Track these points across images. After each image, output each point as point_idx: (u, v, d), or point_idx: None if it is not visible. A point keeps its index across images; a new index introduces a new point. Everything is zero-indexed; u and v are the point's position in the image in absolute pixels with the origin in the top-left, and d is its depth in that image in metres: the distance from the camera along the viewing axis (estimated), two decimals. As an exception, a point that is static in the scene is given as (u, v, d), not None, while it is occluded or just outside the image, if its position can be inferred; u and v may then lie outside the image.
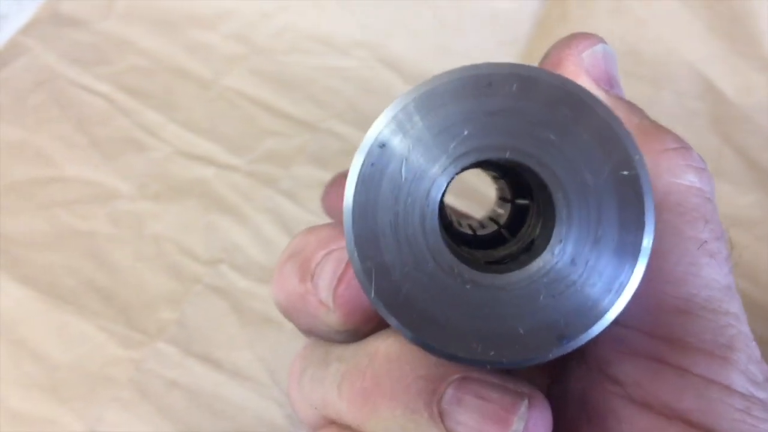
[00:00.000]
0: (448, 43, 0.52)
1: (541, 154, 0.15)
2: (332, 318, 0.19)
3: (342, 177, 0.18)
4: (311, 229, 0.20)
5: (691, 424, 0.17)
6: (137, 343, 0.43)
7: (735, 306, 0.18)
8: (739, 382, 0.17)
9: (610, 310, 0.15)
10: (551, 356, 0.15)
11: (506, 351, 0.15)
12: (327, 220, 0.45)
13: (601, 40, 0.20)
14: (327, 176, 0.48)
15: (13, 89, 0.51)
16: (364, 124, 0.50)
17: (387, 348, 0.18)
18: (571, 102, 0.15)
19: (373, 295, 0.15)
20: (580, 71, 0.20)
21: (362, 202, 0.15)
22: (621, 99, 0.20)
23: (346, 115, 0.50)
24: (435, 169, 0.15)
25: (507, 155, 0.15)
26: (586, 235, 0.15)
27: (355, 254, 0.15)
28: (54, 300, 0.44)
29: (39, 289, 0.44)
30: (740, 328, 0.18)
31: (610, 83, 0.20)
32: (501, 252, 0.17)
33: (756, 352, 0.18)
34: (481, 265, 0.16)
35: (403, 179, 0.15)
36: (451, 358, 0.15)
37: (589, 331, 0.15)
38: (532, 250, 0.16)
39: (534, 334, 0.15)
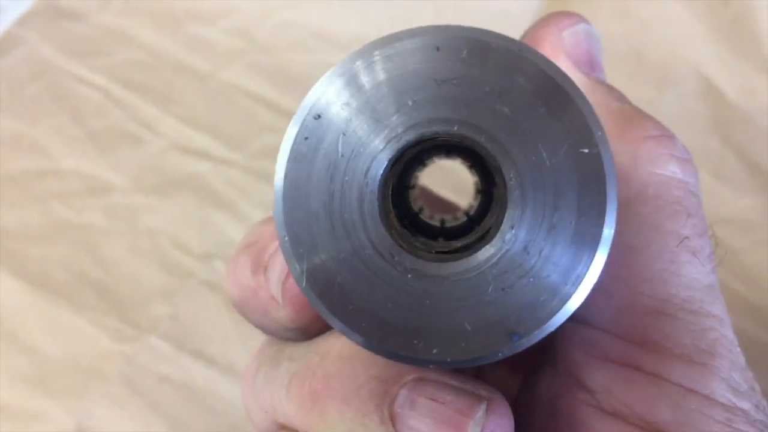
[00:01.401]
0: (449, 42, 0.52)
1: (493, 128, 0.13)
2: (282, 314, 0.18)
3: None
4: (267, 220, 0.19)
5: None
6: (129, 338, 0.42)
7: (718, 308, 0.17)
8: (720, 392, 0.16)
9: (567, 304, 0.14)
10: (501, 356, 0.14)
11: (451, 349, 0.13)
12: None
13: (584, 20, 0.19)
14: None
15: (9, 81, 0.51)
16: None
17: (340, 346, 0.17)
18: (528, 70, 0.13)
19: (304, 283, 0.14)
20: (558, 52, 0.18)
21: (294, 180, 0.14)
22: (601, 82, 0.19)
23: (345, 112, 0.50)
24: (375, 144, 0.13)
25: (455, 129, 0.13)
26: (540, 221, 0.13)
27: (286, 239, 0.14)
28: (46, 293, 0.43)
29: (32, 281, 0.43)
30: (723, 332, 0.16)
31: (591, 65, 0.19)
32: (461, 242, 0.15)
33: (740, 358, 0.17)
34: (426, 254, 0.14)
35: (340, 155, 0.14)
36: (390, 355, 0.14)
37: (543, 327, 0.13)
38: (485, 238, 0.14)
39: (482, 331, 0.13)
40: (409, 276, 0.13)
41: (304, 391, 0.17)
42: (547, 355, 0.17)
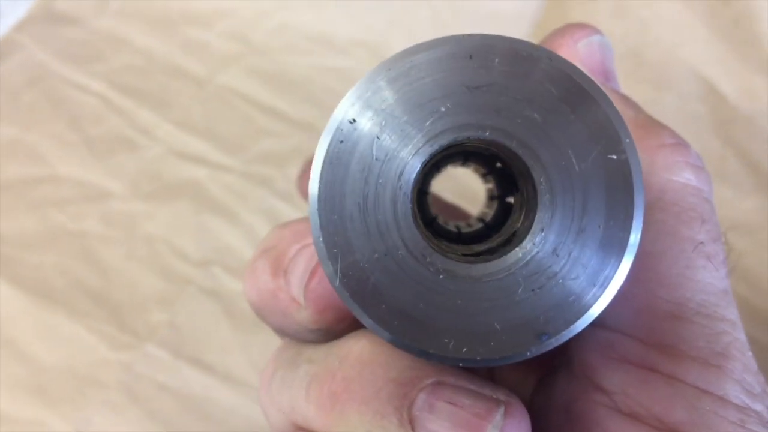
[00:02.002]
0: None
1: (524, 134, 0.13)
2: (303, 315, 0.18)
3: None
4: (286, 224, 0.19)
5: None
6: (127, 345, 0.42)
7: (731, 312, 0.17)
8: (733, 393, 0.16)
9: (594, 306, 0.14)
10: (530, 354, 0.14)
11: (481, 348, 0.14)
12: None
13: (598, 32, 0.19)
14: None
15: (6, 87, 0.50)
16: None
17: (360, 349, 0.17)
18: (556, 77, 0.13)
19: (338, 283, 0.14)
20: (574, 62, 0.18)
21: (330, 183, 0.14)
22: (616, 92, 0.19)
23: (343, 116, 0.50)
24: (409, 149, 0.14)
25: (487, 134, 0.13)
26: (569, 225, 0.14)
27: (320, 239, 0.14)
28: (44, 300, 0.43)
29: (29, 289, 0.43)
30: (736, 336, 0.17)
31: (605, 75, 0.19)
32: (482, 246, 0.16)
33: (752, 362, 0.17)
34: (456, 255, 0.14)
35: (374, 159, 0.14)
36: (421, 354, 0.14)
37: (571, 327, 0.14)
38: (513, 241, 0.15)
39: (511, 330, 0.14)
40: (441, 276, 0.14)
41: (324, 393, 0.17)
42: (562, 358, 0.17)
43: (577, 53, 0.19)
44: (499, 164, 0.19)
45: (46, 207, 0.46)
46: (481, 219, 0.21)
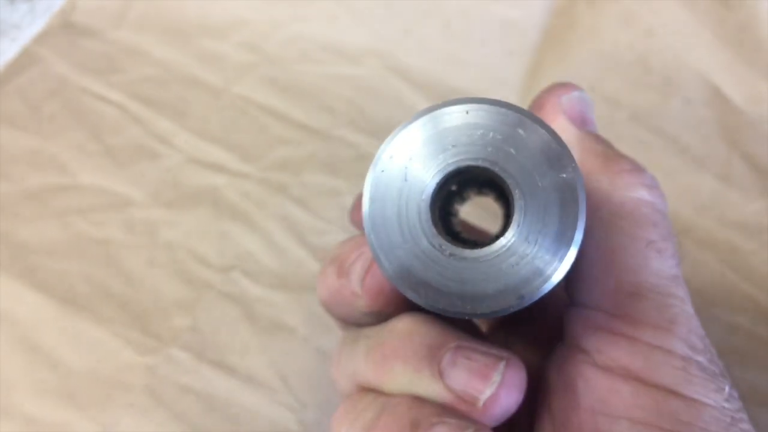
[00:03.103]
0: (457, 52, 0.53)
1: (504, 162, 0.20)
2: (361, 303, 0.25)
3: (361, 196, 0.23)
4: (347, 239, 0.26)
5: (642, 381, 0.22)
6: (151, 349, 0.43)
7: (680, 291, 0.22)
8: (679, 347, 0.22)
9: (554, 276, 0.20)
10: (511, 310, 0.20)
11: (479, 306, 0.20)
12: (335, 226, 0.47)
13: (578, 88, 0.26)
14: (338, 183, 0.48)
15: (27, 98, 0.52)
16: (375, 131, 0.51)
17: (403, 324, 0.24)
18: (524, 124, 0.20)
19: (386, 269, 0.21)
20: (558, 112, 0.26)
21: (375, 200, 0.21)
22: (590, 134, 0.26)
23: (357, 123, 0.51)
24: (428, 174, 0.20)
25: (479, 163, 0.20)
26: (536, 222, 0.20)
27: (372, 237, 0.21)
28: (69, 307, 0.44)
29: (54, 295, 0.44)
30: (683, 308, 0.22)
31: (582, 122, 0.26)
32: None
33: (697, 328, 0.22)
34: (461, 245, 0.21)
35: (405, 181, 0.21)
36: (441, 311, 0.20)
37: (540, 290, 0.20)
38: (500, 234, 0.21)
39: (499, 294, 0.20)
40: (451, 258, 0.20)
41: (377, 357, 0.24)
42: (556, 334, 0.25)
43: (561, 106, 0.26)
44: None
45: (69, 215, 0.47)
46: (496, 235, 0.27)
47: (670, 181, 0.26)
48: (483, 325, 0.32)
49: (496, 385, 0.21)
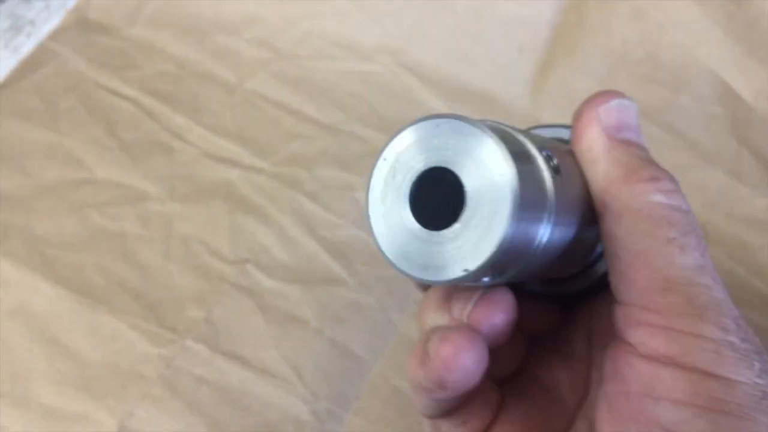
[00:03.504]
0: (467, 49, 0.53)
1: (460, 165, 0.24)
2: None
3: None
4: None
5: (679, 366, 0.23)
6: (167, 341, 0.44)
7: (707, 279, 0.24)
8: (709, 331, 0.23)
9: (474, 263, 0.24)
10: (464, 282, 0.24)
11: (440, 276, 0.24)
12: (347, 220, 0.47)
13: (618, 95, 0.27)
14: (350, 177, 0.49)
15: (43, 93, 0.52)
16: (385, 127, 0.51)
17: (427, 292, 0.29)
18: (476, 134, 0.23)
19: (383, 250, 0.25)
20: (592, 122, 0.27)
21: (376, 188, 0.25)
22: (622, 143, 0.27)
23: (368, 119, 0.51)
24: (407, 173, 0.25)
25: (442, 164, 0.24)
26: (476, 216, 0.23)
27: (371, 216, 0.25)
28: (86, 299, 0.45)
29: (72, 288, 0.45)
30: (711, 294, 0.24)
31: (619, 129, 0.27)
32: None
33: (729, 310, 0.24)
34: (429, 227, 0.25)
35: (394, 179, 0.25)
36: (417, 278, 0.25)
37: (471, 270, 0.23)
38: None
39: (450, 267, 0.24)
40: (420, 239, 0.24)
41: (421, 309, 0.28)
42: (610, 331, 0.27)
43: (597, 116, 0.27)
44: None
45: (85, 209, 0.48)
46: None
47: (679, 177, 0.26)
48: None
49: (473, 304, 0.26)
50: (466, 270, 0.24)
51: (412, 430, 0.42)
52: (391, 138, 0.25)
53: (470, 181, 0.23)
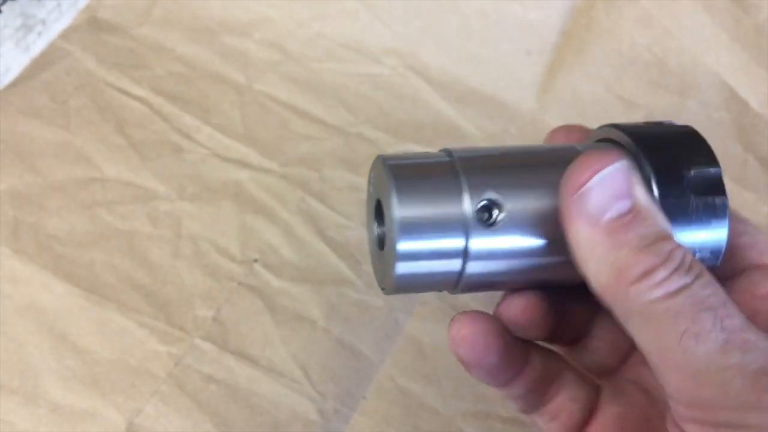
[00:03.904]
0: (476, 52, 0.54)
1: (383, 200, 0.27)
2: None
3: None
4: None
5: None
6: (176, 339, 0.44)
7: (735, 353, 0.23)
8: (754, 419, 0.22)
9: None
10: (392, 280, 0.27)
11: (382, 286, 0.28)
12: (354, 221, 0.47)
13: (599, 163, 0.25)
14: (357, 179, 0.49)
15: (54, 92, 0.53)
16: (394, 129, 0.51)
17: None
18: (384, 176, 0.27)
19: (375, 244, 0.29)
20: (571, 214, 0.26)
21: (369, 200, 0.30)
22: (607, 231, 0.25)
23: (377, 121, 0.52)
24: (373, 199, 0.29)
25: (376, 196, 0.28)
26: (388, 242, 0.27)
27: (372, 221, 0.30)
28: (96, 297, 0.45)
29: (81, 286, 0.45)
30: (743, 367, 0.23)
31: (602, 211, 0.25)
32: None
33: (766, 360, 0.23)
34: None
35: (370, 193, 0.30)
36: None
37: (388, 287, 0.28)
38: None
39: (383, 281, 0.28)
40: (377, 253, 0.29)
41: None
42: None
43: (576, 206, 0.25)
44: None
45: (95, 207, 0.48)
46: None
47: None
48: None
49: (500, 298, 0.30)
50: (383, 288, 0.28)
51: (417, 430, 0.43)
52: (372, 165, 0.29)
53: (387, 214, 0.27)
